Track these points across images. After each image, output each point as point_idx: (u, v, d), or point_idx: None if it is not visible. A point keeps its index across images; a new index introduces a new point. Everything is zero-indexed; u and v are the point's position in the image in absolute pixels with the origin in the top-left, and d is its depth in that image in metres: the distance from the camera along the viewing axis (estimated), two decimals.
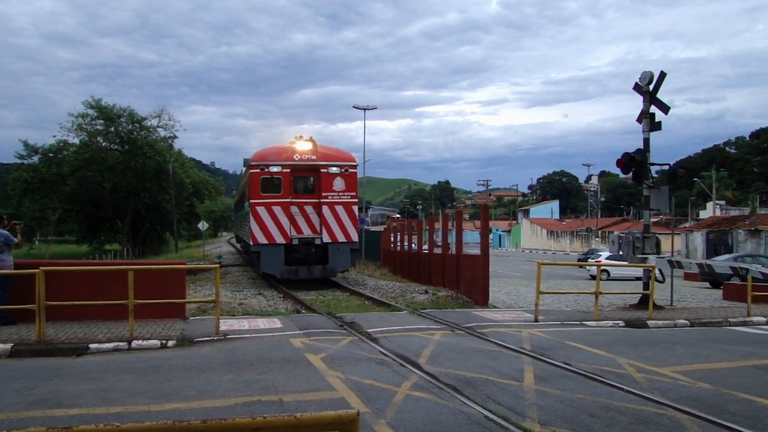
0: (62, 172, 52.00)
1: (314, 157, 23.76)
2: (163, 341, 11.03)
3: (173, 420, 3.23)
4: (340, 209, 23.93)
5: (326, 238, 23.64)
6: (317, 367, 9.37)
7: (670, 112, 17.61)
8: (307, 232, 23.72)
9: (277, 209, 23.08)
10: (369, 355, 10.21)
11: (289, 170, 23.49)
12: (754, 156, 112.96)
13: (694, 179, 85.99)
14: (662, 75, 17.42)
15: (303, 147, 23.82)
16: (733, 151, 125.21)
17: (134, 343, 10.85)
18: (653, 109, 17.53)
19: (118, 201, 56.02)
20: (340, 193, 23.93)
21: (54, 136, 55.66)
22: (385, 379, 8.62)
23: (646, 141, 17.57)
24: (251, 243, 23.31)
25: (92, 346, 10.60)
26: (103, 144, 54.41)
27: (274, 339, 11.71)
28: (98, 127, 53.68)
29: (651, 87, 17.42)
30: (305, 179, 24.38)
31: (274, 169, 23.21)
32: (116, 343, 10.78)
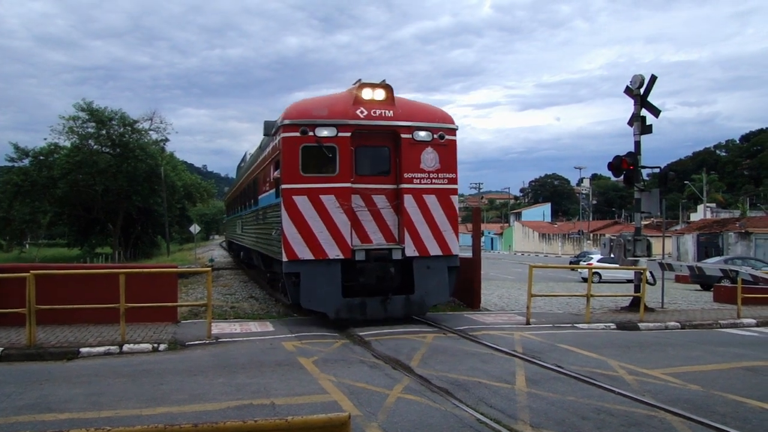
0: (53, 175, 51.64)
1: (390, 114, 14.12)
2: (155, 345, 11.00)
3: (164, 423, 3.23)
4: (431, 201, 14.35)
5: (410, 250, 13.99)
6: (309, 370, 9.36)
7: (662, 115, 17.73)
8: (378, 239, 14.10)
9: (328, 200, 13.46)
10: (361, 358, 10.21)
11: (348, 134, 13.69)
12: (744, 159, 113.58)
13: (685, 182, 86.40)
14: (653, 78, 17.52)
15: (372, 96, 14.08)
16: (724, 154, 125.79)
17: (125, 347, 10.81)
18: (644, 112, 17.63)
19: (110, 204, 55.72)
20: (431, 175, 14.38)
21: (45, 139, 55.56)
22: (377, 382, 8.62)
23: (637, 144, 17.66)
24: (284, 258, 13.25)
25: (83, 350, 10.56)
26: (95, 147, 54.09)
27: (266, 342, 11.70)
28: (89, 129, 53.39)
29: (642, 90, 17.51)
30: (376, 151, 14.60)
31: (324, 133, 13.56)
32: (107, 347, 10.74)
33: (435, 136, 14.41)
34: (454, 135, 14.76)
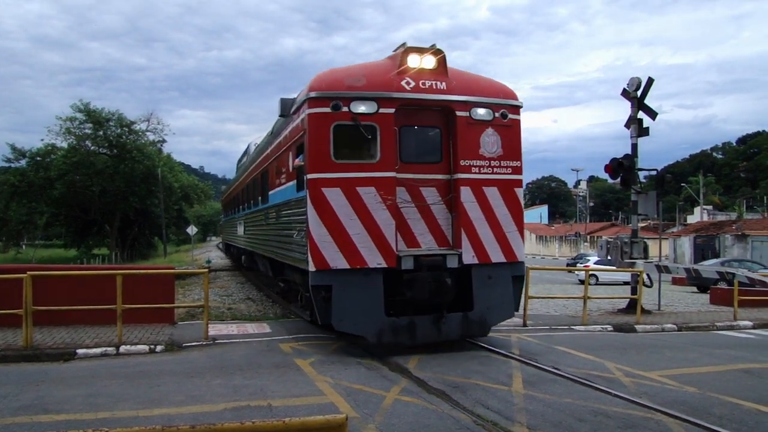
0: (50, 176, 51.60)
1: (443, 86, 11.34)
2: (152, 346, 10.99)
3: (162, 425, 3.23)
4: (493, 195, 11.62)
5: (469, 256, 11.31)
6: (306, 372, 9.37)
7: (658, 117, 17.80)
8: (427, 242, 11.42)
9: (367, 193, 10.78)
10: (358, 360, 10.22)
11: (392, 110, 10.99)
12: (740, 161, 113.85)
13: (682, 184, 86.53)
14: (650, 81, 17.57)
15: (421, 64, 11.24)
16: (720, 156, 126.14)
17: (122, 348, 10.80)
18: (641, 114, 17.68)
19: (107, 205, 55.65)
20: (492, 162, 11.65)
21: (42, 140, 55.48)
22: (374, 384, 8.63)
23: (634, 146, 17.71)
24: (311, 268, 10.62)
25: (80, 351, 10.55)
26: (92, 148, 54.12)
27: (263, 344, 11.70)
28: (86, 130, 53.44)
29: (639, 93, 17.56)
30: (424, 132, 11.86)
31: (362, 108, 10.83)
32: (104, 348, 10.73)
33: (496, 114, 11.63)
34: (519, 114, 12.05)
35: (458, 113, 11.34)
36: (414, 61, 11.12)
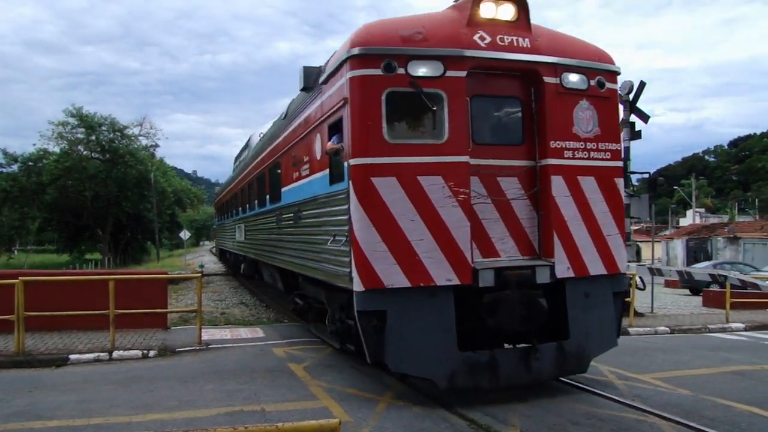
0: (42, 181, 51.44)
1: (526, 44, 8.62)
2: (145, 351, 10.96)
3: (155, 430, 3.23)
4: (590, 187, 8.97)
5: (563, 268, 8.57)
6: (300, 376, 9.36)
7: (651, 120, 17.84)
8: (508, 249, 8.73)
9: (432, 184, 8.03)
10: (352, 365, 10.21)
11: (463, 73, 8.22)
12: (732, 164, 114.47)
13: (674, 187, 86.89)
14: (642, 84, 17.63)
15: (496, 14, 8.57)
16: (713, 159, 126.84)
17: (115, 354, 10.76)
18: (633, 118, 17.73)
19: (99, 210, 55.46)
20: (589, 145, 9.04)
21: (34, 145, 55.27)
22: (368, 389, 8.63)
23: (627, 149, 17.75)
24: (357, 287, 7.83)
25: (72, 356, 10.51)
26: (84, 153, 53.95)
27: (256, 348, 11.68)
28: (79, 135, 53.28)
29: (631, 96, 17.61)
30: (500, 104, 9.32)
31: (423, 71, 8.11)
32: (97, 354, 10.69)
33: (592, 82, 8.94)
34: (616, 83, 9.49)
35: (546, 79, 8.58)
36: (488, 11, 8.44)
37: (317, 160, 9.96)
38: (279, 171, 13.63)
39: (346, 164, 8.11)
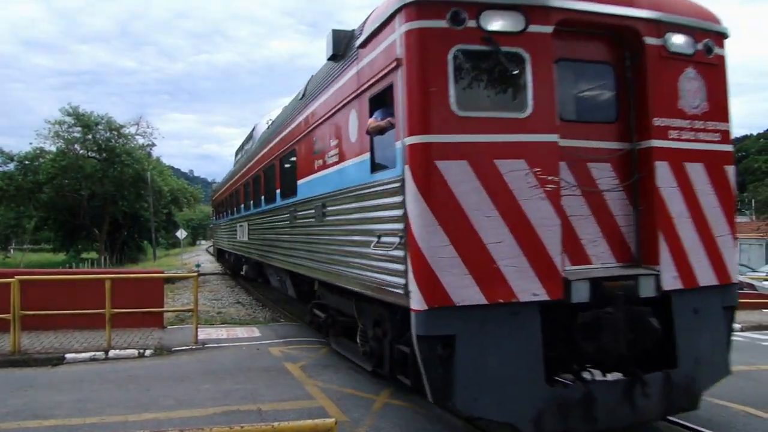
0: (38, 180, 51.34)
1: None
2: (141, 351, 10.95)
3: (151, 430, 3.23)
4: (698, 176, 7.05)
5: (670, 278, 6.71)
6: (296, 375, 9.36)
7: None
8: (600, 254, 6.82)
9: (512, 170, 6.18)
10: (348, 364, 10.21)
11: (549, 29, 6.34)
12: None
13: None
14: None
15: None
16: None
17: (111, 353, 10.75)
18: None
19: (96, 209, 55.40)
20: (696, 123, 7.12)
21: (30, 144, 55.15)
22: (364, 388, 8.63)
23: None
24: (417, 305, 5.97)
25: (68, 356, 10.49)
26: (81, 152, 53.86)
27: (252, 348, 11.67)
28: (75, 134, 53.21)
29: None
30: (590, 71, 7.31)
31: (499, 24, 6.19)
32: (93, 353, 10.67)
33: (699, 46, 7.19)
34: (724, 47, 7.50)
35: (647, 41, 6.85)
36: None
37: (351, 144, 8.22)
38: (294, 161, 11.91)
39: (399, 145, 6.40)
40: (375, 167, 7.40)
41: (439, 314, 5.89)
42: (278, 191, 13.57)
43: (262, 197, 15.90)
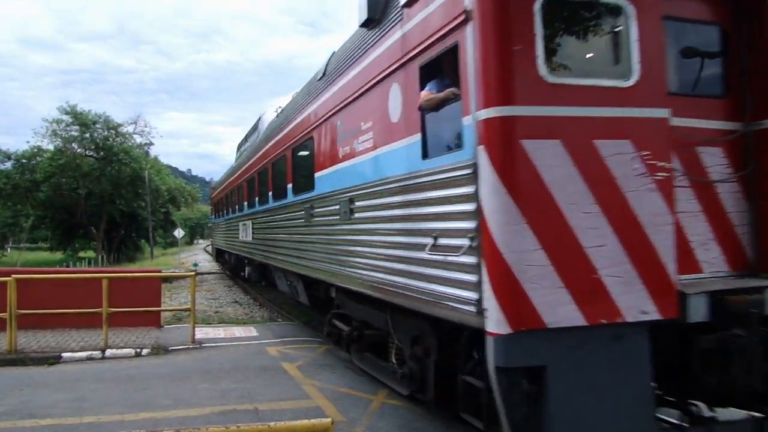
0: (36, 179, 51.35)
1: None
2: (138, 350, 10.94)
3: (147, 429, 3.23)
4: None
5: None
6: (293, 375, 9.35)
7: None
8: (713, 260, 5.56)
9: (615, 153, 4.91)
10: (345, 364, 10.21)
11: None
12: None
13: None
14: None
15: None
16: None
17: (108, 352, 10.73)
18: None
19: (93, 208, 55.36)
20: None
21: (27, 142, 55.15)
22: (361, 388, 8.63)
23: None
24: (495, 328, 4.69)
25: (65, 355, 10.48)
26: (78, 150, 53.84)
27: (250, 347, 11.67)
28: (73, 133, 53.24)
29: None
30: (695, 32, 5.79)
31: None
32: (90, 352, 10.66)
33: None
34: None
35: None
36: None
37: (392, 125, 6.88)
38: (310, 151, 10.48)
39: (468, 121, 5.11)
40: (428, 151, 6.07)
41: (526, 339, 4.68)
42: (290, 186, 12.21)
43: (270, 193, 14.53)
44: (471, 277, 5.02)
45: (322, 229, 9.72)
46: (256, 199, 16.63)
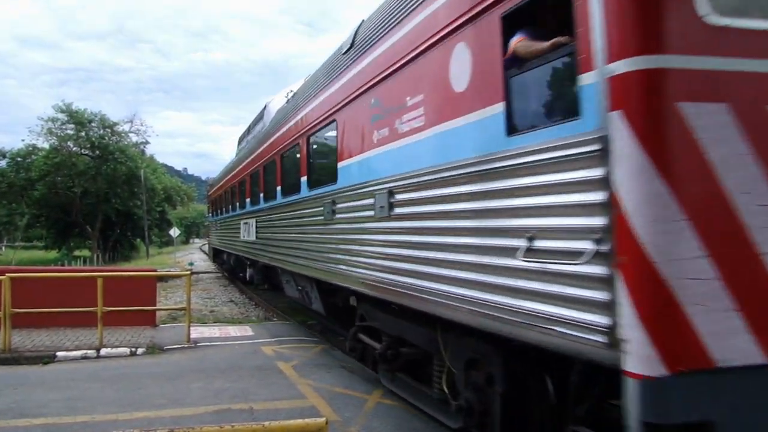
0: (31, 177, 51.24)
1: None
2: (133, 349, 10.92)
3: (141, 428, 3.22)
4: None
5: None
6: (288, 375, 9.34)
7: None
8: None
9: None
10: (341, 364, 10.21)
11: None
12: None
13: None
14: None
15: None
16: None
17: (103, 351, 10.71)
18: None
19: (89, 207, 55.22)
20: None
21: (23, 140, 55.00)
22: (356, 387, 8.63)
23: None
24: (638, 368, 3.28)
25: (60, 354, 10.45)
26: (74, 149, 53.71)
27: (245, 347, 11.65)
28: (69, 131, 53.06)
29: None
30: None
31: None
32: (84, 351, 10.64)
33: None
34: None
35: None
36: None
37: (456, 96, 5.36)
38: (332, 137, 9.04)
39: (589, 78, 3.74)
40: (516, 125, 4.58)
41: (687, 384, 3.35)
42: (304, 179, 10.60)
43: (278, 188, 12.90)
44: (598, 295, 3.61)
45: (346, 228, 8.27)
46: (262, 195, 15.18)
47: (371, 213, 7.19)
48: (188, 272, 14.43)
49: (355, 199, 7.85)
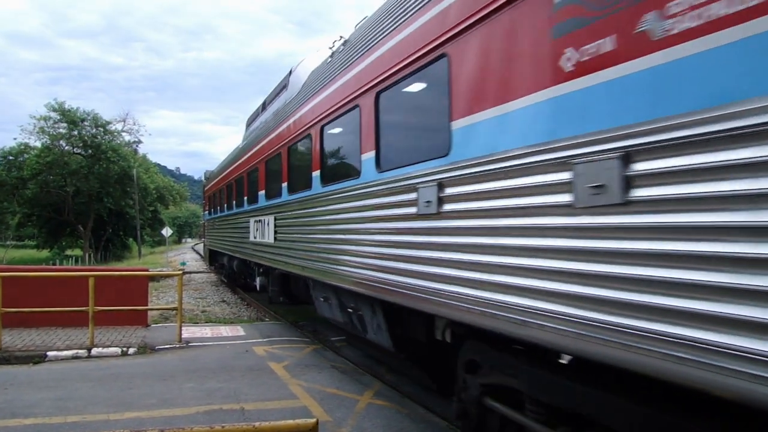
0: (23, 176, 51.04)
1: None
2: (124, 349, 10.88)
3: (132, 429, 3.22)
4: None
5: None
6: (280, 375, 9.34)
7: None
8: None
9: None
10: (332, 364, 10.22)
11: None
12: None
13: None
14: None
15: None
16: None
17: (94, 351, 10.68)
18: None
19: (81, 206, 55.09)
20: None
21: (15, 139, 54.79)
22: (348, 388, 8.64)
23: None
24: None
25: (50, 353, 10.41)
26: (66, 148, 53.56)
27: (236, 347, 11.64)
28: (61, 130, 52.93)
29: None
30: None
31: None
32: (75, 351, 10.60)
33: None
34: None
35: None
36: None
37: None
38: (440, 87, 5.56)
39: None
40: None
41: None
42: (368, 158, 7.30)
43: (315, 174, 9.53)
44: None
45: (464, 228, 5.01)
46: (285, 185, 11.69)
47: (544, 199, 4.02)
48: (180, 272, 14.39)
49: (479, 179, 4.82)
